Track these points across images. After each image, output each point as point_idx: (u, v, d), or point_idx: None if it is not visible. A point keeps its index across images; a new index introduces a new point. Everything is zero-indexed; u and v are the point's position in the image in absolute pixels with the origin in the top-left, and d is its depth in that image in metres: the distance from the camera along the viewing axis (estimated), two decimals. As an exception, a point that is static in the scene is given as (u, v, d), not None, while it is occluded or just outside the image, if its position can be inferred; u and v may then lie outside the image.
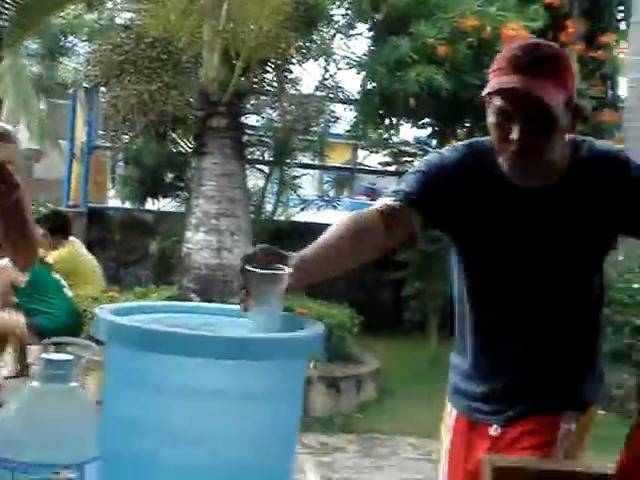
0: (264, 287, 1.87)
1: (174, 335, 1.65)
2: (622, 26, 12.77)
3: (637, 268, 7.13)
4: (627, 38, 10.98)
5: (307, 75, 11.44)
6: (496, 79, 2.38)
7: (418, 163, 2.76)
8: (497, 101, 2.38)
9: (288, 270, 1.93)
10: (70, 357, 1.53)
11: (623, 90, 11.32)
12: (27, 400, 1.50)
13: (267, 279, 1.88)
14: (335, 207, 12.80)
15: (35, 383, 1.49)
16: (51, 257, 7.84)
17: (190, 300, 7.80)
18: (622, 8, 13.19)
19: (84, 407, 1.55)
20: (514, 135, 2.34)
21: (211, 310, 2.12)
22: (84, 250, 8.80)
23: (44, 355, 1.52)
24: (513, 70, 2.34)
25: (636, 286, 7.33)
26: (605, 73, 10.88)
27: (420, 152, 11.96)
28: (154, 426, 1.64)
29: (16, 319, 7.30)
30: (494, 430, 2.61)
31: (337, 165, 14.10)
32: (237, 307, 2.00)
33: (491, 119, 2.43)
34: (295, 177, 11.91)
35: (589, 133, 9.97)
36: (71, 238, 8.49)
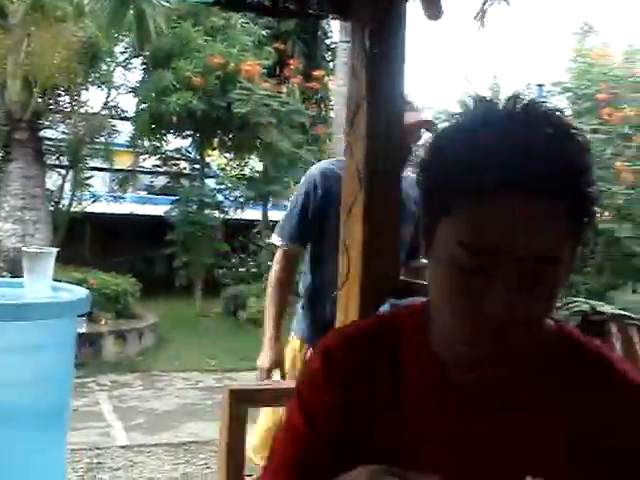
0: (37, 264, 1.79)
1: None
2: (330, 65, 13.21)
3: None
4: (333, 73, 11.36)
5: (93, 98, 11.06)
6: None
7: (294, 195, 2.85)
8: None
9: (55, 250, 1.86)
10: None
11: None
12: None
13: (38, 257, 1.80)
14: (120, 200, 12.41)
15: None
16: None
17: (2, 276, 7.35)
18: (330, 53, 13.68)
19: None
20: None
21: (1, 283, 2.01)
22: None
23: None
24: None
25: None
26: (319, 98, 11.17)
27: (183, 157, 11.89)
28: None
29: None
30: None
31: (121, 168, 13.69)
32: (20, 279, 1.90)
33: None
34: (86, 178, 11.43)
35: (309, 142, 10.25)
36: None
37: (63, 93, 10.30)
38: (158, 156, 11.96)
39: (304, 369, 1.06)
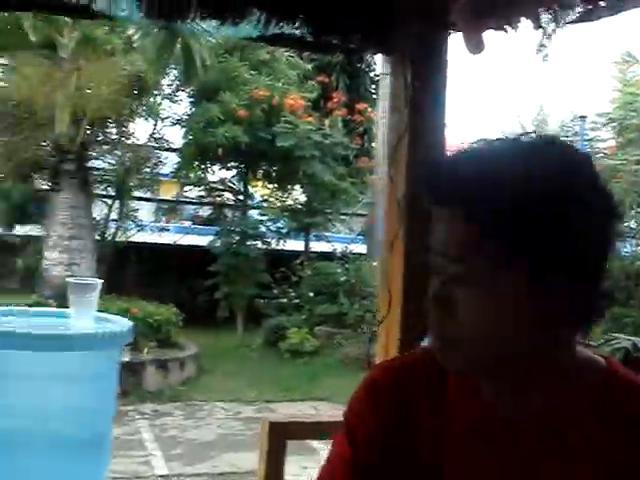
0: (82, 295, 1.82)
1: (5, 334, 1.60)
2: (374, 97, 13.23)
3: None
4: (376, 106, 11.39)
5: (140, 129, 11.31)
6: None
7: None
8: None
9: (99, 282, 1.89)
10: None
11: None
12: None
13: (84, 288, 1.83)
14: (164, 230, 12.54)
15: None
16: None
17: (49, 305, 7.47)
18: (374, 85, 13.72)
19: None
20: None
21: (47, 313, 2.05)
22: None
23: None
24: None
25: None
26: (362, 131, 11.19)
27: (227, 188, 12.00)
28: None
29: None
30: None
31: (166, 198, 13.90)
32: (66, 310, 1.94)
33: None
34: (132, 208, 11.62)
35: (352, 174, 10.26)
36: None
37: (110, 125, 10.54)
38: (203, 187, 12.11)
39: (351, 400, 1.08)
